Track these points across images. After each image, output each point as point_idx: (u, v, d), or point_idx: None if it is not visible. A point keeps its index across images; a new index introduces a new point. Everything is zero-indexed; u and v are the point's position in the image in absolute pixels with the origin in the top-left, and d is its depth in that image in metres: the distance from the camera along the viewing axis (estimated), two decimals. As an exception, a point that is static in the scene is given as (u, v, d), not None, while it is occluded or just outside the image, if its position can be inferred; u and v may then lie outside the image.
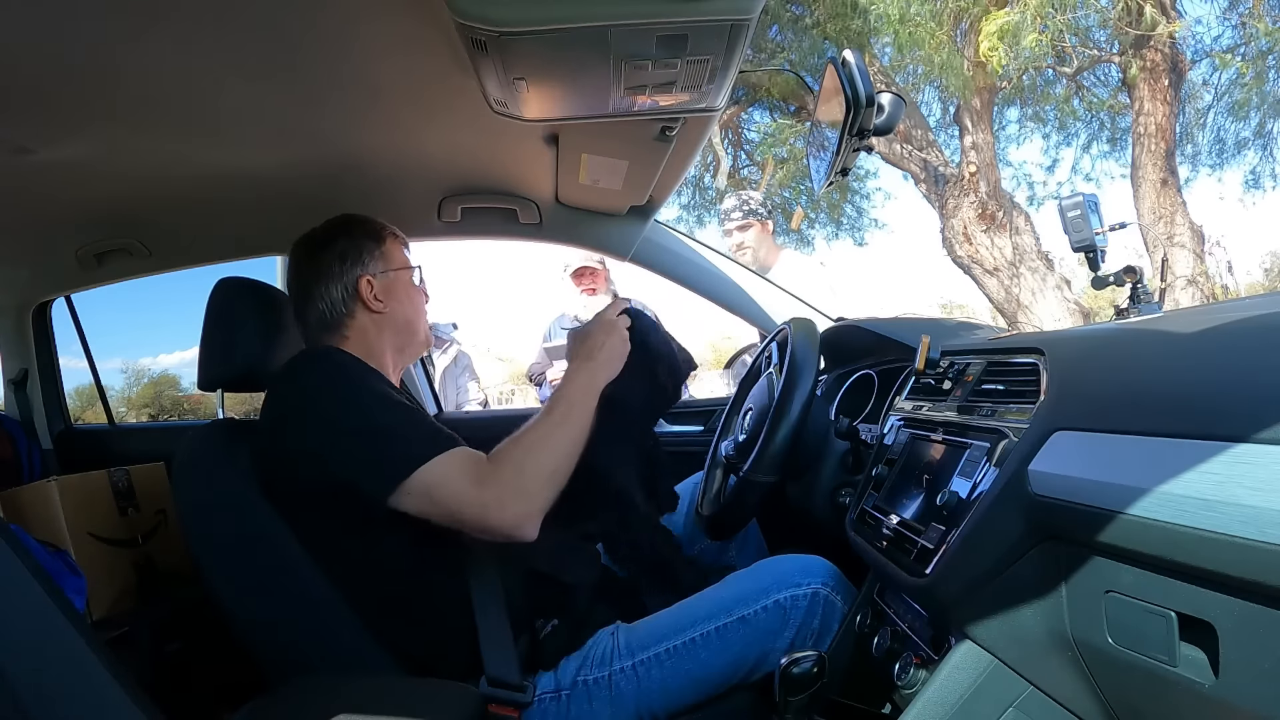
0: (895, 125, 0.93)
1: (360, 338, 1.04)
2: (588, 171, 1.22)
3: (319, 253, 1.06)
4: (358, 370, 0.94)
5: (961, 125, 5.33)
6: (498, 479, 0.85)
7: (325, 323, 1.04)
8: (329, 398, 0.89)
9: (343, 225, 1.09)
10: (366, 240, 1.07)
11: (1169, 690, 0.48)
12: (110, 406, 2.13)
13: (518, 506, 0.85)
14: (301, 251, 1.07)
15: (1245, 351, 0.54)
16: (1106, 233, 1.02)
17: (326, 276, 1.04)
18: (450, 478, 0.84)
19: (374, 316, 1.05)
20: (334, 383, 0.91)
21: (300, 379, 0.93)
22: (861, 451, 1.02)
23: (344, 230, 1.08)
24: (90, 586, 1.34)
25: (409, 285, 1.10)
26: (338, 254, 1.05)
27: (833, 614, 0.91)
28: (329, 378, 0.92)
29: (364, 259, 1.06)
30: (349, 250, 1.05)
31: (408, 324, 1.09)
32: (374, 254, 1.07)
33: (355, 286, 1.04)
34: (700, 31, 0.73)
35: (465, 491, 0.84)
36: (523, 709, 0.85)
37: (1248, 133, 5.79)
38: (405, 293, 1.09)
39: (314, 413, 0.88)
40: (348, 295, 1.04)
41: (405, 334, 1.09)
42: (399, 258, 1.10)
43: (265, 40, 0.81)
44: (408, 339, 1.10)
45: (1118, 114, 5.83)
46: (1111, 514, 0.49)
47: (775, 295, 1.60)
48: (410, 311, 1.09)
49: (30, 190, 1.19)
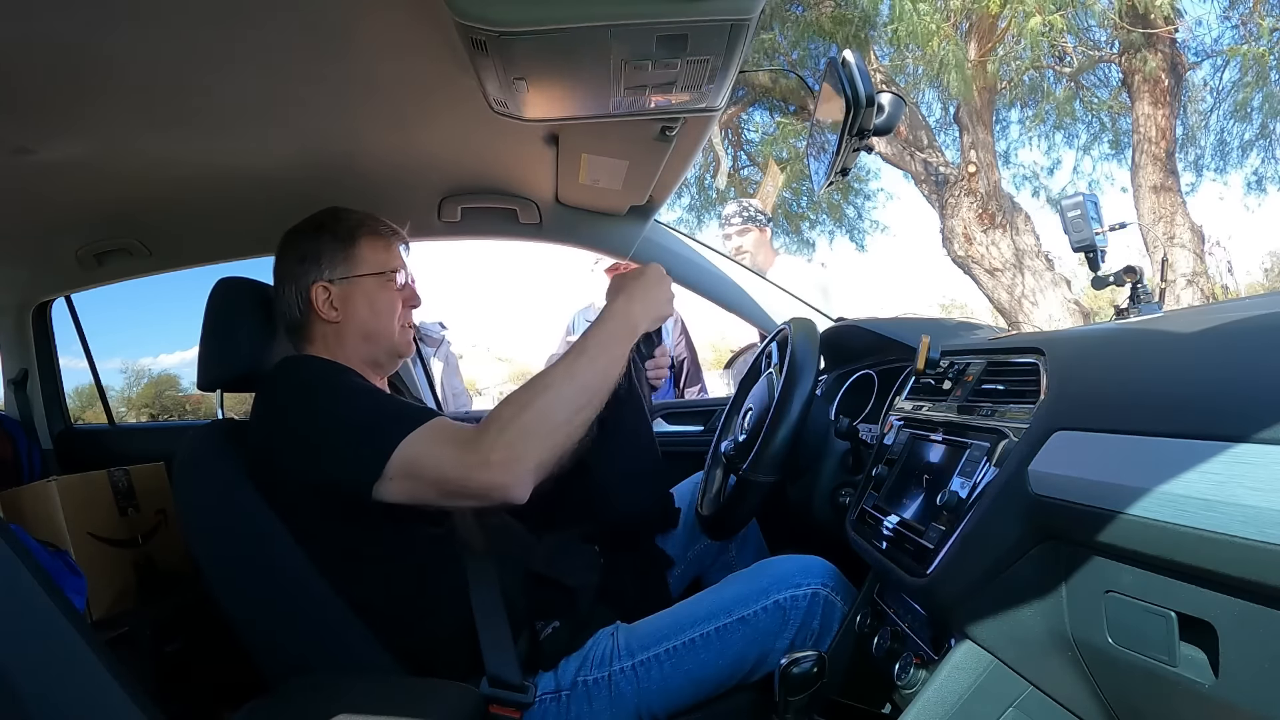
0: (895, 125, 0.93)
1: (324, 345, 1.00)
2: (588, 171, 1.22)
3: (284, 251, 1.02)
4: (325, 372, 0.93)
5: (961, 125, 5.33)
6: (482, 434, 0.79)
7: (291, 325, 1.01)
8: (300, 407, 0.88)
9: (311, 224, 1.03)
10: (332, 241, 1.00)
11: (1169, 690, 0.48)
12: (110, 406, 2.13)
13: (503, 461, 0.78)
14: (278, 248, 1.04)
15: (1245, 351, 0.54)
16: (1106, 233, 1.02)
17: (285, 278, 1.01)
18: (429, 448, 0.80)
19: (331, 326, 0.99)
20: (304, 391, 0.90)
21: (277, 388, 0.93)
22: (861, 451, 1.02)
23: (312, 229, 1.02)
24: (90, 586, 1.33)
25: (375, 291, 1.01)
26: (297, 256, 1.00)
27: (832, 614, 0.91)
28: (300, 387, 0.91)
29: (321, 263, 0.99)
30: (308, 253, 1.00)
31: (368, 336, 1.00)
32: (336, 258, 0.99)
33: (307, 293, 0.99)
34: (700, 31, 0.73)
35: (446, 455, 0.79)
36: (524, 709, 0.85)
37: (1250, 134, 5.80)
38: (367, 300, 1.00)
39: (289, 423, 0.88)
40: (302, 301, 0.99)
41: (368, 345, 1.00)
42: (370, 260, 1.01)
43: (265, 40, 0.81)
44: (372, 350, 1.01)
45: (1118, 114, 5.84)
46: (1111, 514, 0.49)
47: (775, 295, 1.60)
48: (372, 322, 1.00)
49: (30, 190, 1.19)
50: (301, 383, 0.92)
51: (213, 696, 1.45)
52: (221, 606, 0.87)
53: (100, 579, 1.40)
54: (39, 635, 0.55)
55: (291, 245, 1.02)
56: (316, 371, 0.93)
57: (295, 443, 0.86)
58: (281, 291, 1.01)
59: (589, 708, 0.87)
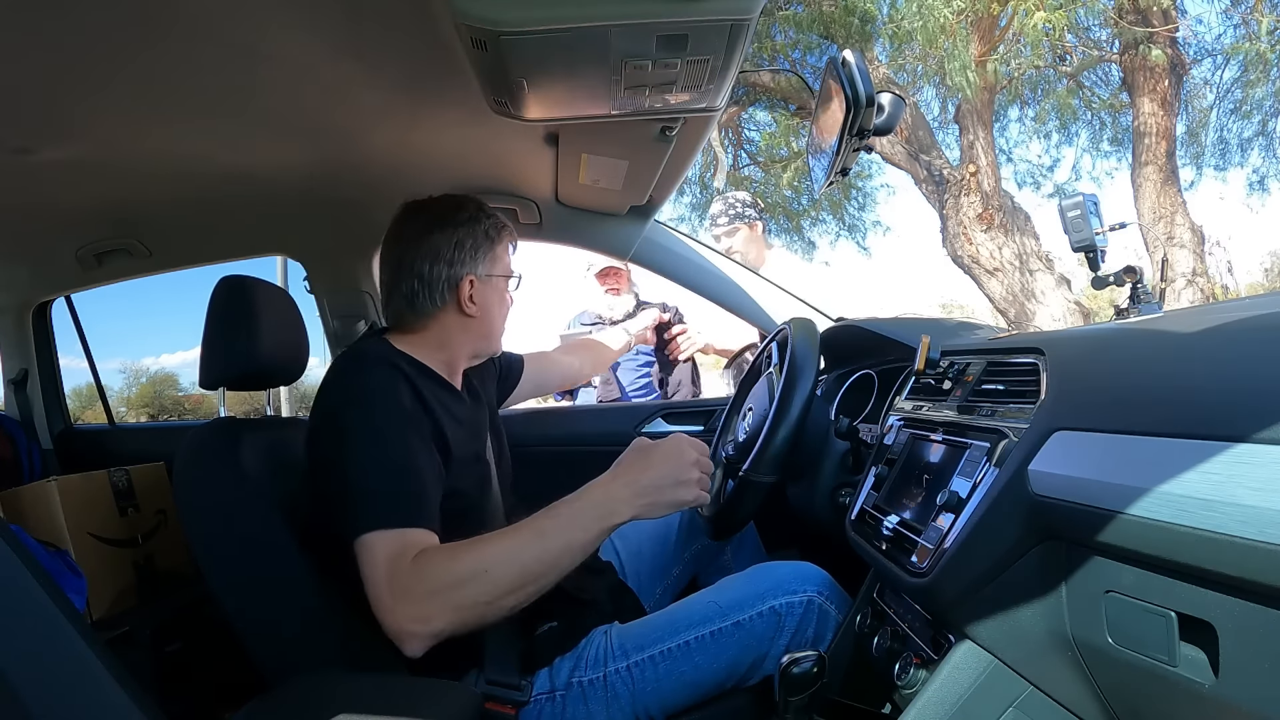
0: (895, 125, 0.93)
1: (438, 334, 0.99)
2: (588, 171, 1.22)
3: (433, 230, 0.97)
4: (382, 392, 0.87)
5: (962, 125, 5.33)
6: (413, 585, 0.75)
7: (409, 304, 0.98)
8: (340, 422, 0.85)
9: (466, 208, 1.00)
10: (485, 236, 1.00)
11: (1169, 690, 0.48)
12: (110, 406, 2.13)
13: (410, 622, 0.74)
14: (413, 221, 0.99)
15: (1245, 351, 0.54)
16: (1106, 233, 1.01)
17: (431, 259, 0.97)
18: (379, 554, 0.77)
19: (463, 319, 1.00)
20: (352, 406, 0.86)
21: (339, 381, 0.90)
22: (861, 451, 1.02)
23: (467, 215, 1.00)
24: (90, 586, 1.34)
25: (504, 293, 1.05)
26: (454, 241, 0.97)
27: (826, 623, 0.91)
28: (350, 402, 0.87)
29: (477, 256, 0.99)
30: (465, 240, 0.98)
31: (490, 333, 1.04)
32: (483, 253, 1.00)
33: (456, 283, 0.98)
34: (700, 31, 0.73)
35: (381, 576, 0.76)
36: (520, 707, 0.85)
37: (1250, 133, 5.80)
38: (499, 300, 1.03)
39: (326, 429, 0.87)
40: (446, 289, 0.97)
41: (484, 341, 1.04)
42: (505, 262, 1.04)
43: (265, 40, 0.81)
44: (485, 347, 1.05)
45: (1119, 112, 5.84)
46: (1112, 514, 0.49)
47: (775, 295, 1.60)
48: (498, 321, 1.05)
49: (30, 190, 1.19)
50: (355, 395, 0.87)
51: (213, 696, 1.45)
52: (222, 606, 0.87)
53: (100, 579, 1.40)
54: (39, 635, 0.55)
55: (443, 226, 0.98)
56: (374, 389, 0.87)
57: (319, 452, 0.87)
58: (423, 271, 0.96)
59: (584, 708, 0.87)
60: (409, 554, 0.77)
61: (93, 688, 0.56)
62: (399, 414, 0.86)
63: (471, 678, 0.86)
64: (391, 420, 0.85)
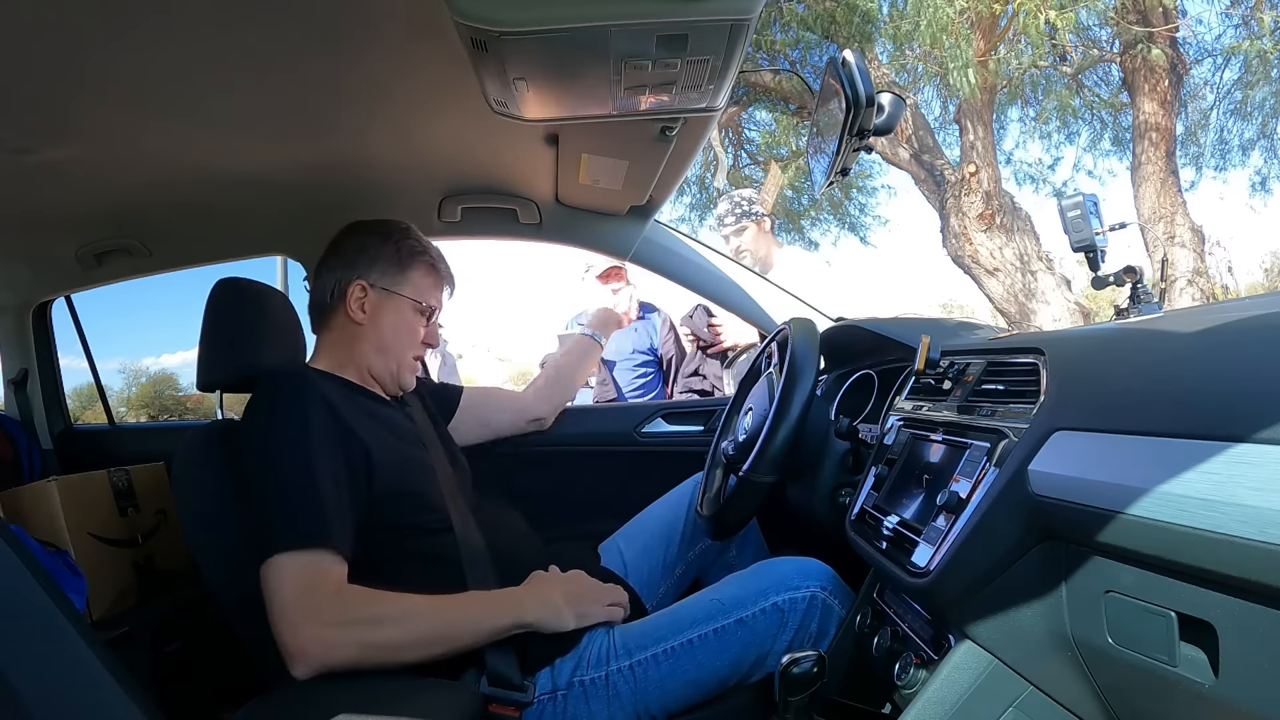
0: (895, 125, 0.93)
1: (336, 339, 1.05)
2: (588, 171, 1.22)
3: (343, 238, 1.06)
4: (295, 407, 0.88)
5: (962, 125, 5.33)
6: (323, 607, 0.76)
7: (317, 307, 1.06)
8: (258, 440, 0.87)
9: (381, 228, 1.07)
10: (394, 252, 1.05)
11: (1169, 690, 0.48)
12: (110, 406, 2.13)
13: (310, 639, 0.74)
14: (338, 234, 1.08)
15: (1245, 351, 0.54)
16: (1106, 233, 1.01)
17: (331, 263, 1.05)
18: (282, 577, 0.77)
19: (351, 325, 1.04)
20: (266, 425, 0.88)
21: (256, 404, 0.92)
22: (861, 451, 1.02)
23: (387, 231, 1.06)
24: (90, 586, 1.33)
25: (405, 315, 1.05)
26: (354, 247, 1.05)
27: (830, 618, 0.91)
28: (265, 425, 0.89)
29: (374, 265, 1.04)
30: (366, 249, 1.04)
31: (381, 350, 1.04)
32: (389, 268, 1.04)
33: (345, 286, 1.03)
34: (700, 31, 0.73)
35: (282, 598, 0.76)
36: (523, 708, 0.85)
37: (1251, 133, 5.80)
38: (394, 318, 1.04)
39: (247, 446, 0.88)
40: (337, 291, 1.04)
41: (379, 357, 1.04)
42: (417, 285, 1.06)
43: (265, 40, 0.81)
44: (381, 365, 1.04)
45: (1118, 112, 5.83)
46: (1112, 514, 0.49)
47: (775, 295, 1.60)
48: (390, 339, 1.04)
49: (30, 190, 1.19)
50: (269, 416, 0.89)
51: (213, 696, 1.45)
52: (222, 606, 0.87)
53: (100, 579, 1.40)
54: (39, 635, 0.55)
55: (352, 236, 1.06)
56: (286, 404, 0.89)
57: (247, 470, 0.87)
58: (321, 273, 1.04)
59: (586, 707, 0.87)
60: (324, 578, 0.78)
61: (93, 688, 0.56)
62: (297, 429, 0.86)
63: (471, 678, 0.86)
64: (311, 433, 0.86)
